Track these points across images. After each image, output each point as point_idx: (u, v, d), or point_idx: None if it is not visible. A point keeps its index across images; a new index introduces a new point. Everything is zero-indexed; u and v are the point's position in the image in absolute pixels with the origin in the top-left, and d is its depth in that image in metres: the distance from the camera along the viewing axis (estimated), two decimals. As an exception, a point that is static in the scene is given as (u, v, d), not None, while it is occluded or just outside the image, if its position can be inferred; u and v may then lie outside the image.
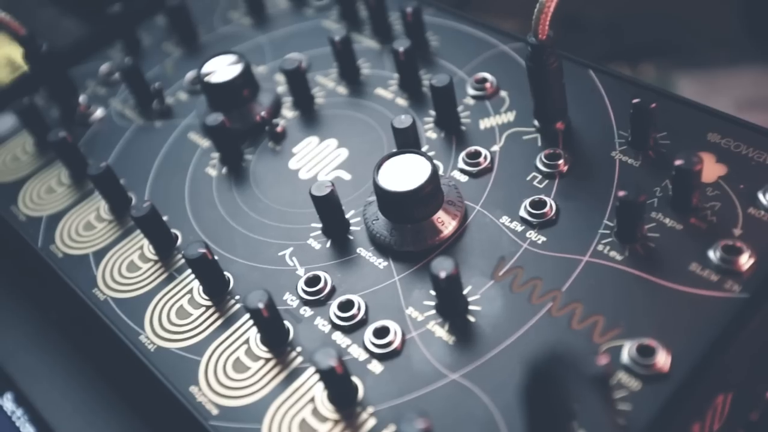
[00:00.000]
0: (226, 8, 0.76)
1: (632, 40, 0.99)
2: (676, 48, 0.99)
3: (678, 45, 0.98)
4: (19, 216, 0.61)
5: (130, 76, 0.66)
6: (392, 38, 0.67)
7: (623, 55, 0.96)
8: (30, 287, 0.64)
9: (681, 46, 0.98)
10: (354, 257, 0.52)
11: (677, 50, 0.98)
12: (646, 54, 0.98)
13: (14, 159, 0.67)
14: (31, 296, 0.64)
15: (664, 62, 0.97)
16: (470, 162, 0.55)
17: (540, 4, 0.49)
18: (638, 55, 0.97)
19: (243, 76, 0.61)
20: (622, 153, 0.53)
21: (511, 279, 0.49)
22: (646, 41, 1.00)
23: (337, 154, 0.59)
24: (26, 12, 1.02)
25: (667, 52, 0.98)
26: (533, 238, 0.50)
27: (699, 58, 0.96)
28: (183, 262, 0.55)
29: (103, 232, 0.58)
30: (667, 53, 0.98)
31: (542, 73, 0.53)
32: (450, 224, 0.51)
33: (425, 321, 0.48)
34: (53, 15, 1.06)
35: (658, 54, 0.98)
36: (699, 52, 0.97)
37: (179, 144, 0.64)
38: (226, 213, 0.57)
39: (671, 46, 0.99)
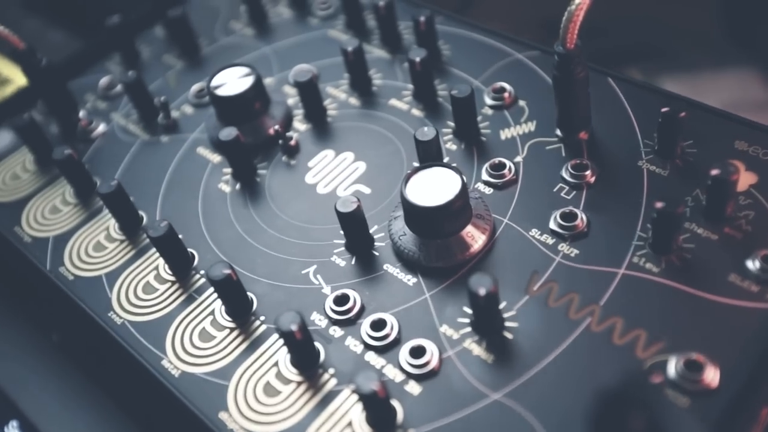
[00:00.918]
0: (227, 19, 0.74)
1: (615, 43, 0.99)
2: (659, 51, 0.99)
3: (661, 48, 0.99)
4: (24, 237, 0.59)
5: (134, 89, 0.64)
6: (402, 47, 0.66)
7: (606, 59, 0.96)
8: (36, 310, 0.62)
9: (664, 50, 0.99)
10: (381, 274, 0.51)
11: (661, 54, 0.99)
12: (629, 58, 0.98)
13: (14, 177, 0.64)
14: (36, 320, 0.62)
15: (647, 66, 0.97)
16: (494, 174, 0.54)
17: (568, 13, 0.49)
18: (621, 59, 0.97)
19: (254, 89, 0.60)
20: (649, 162, 0.53)
21: (546, 293, 0.48)
22: (629, 45, 1.00)
23: (355, 168, 0.58)
24: (10, 24, 0.99)
25: (651, 56, 0.98)
26: (566, 251, 0.49)
27: (682, 61, 0.97)
28: (202, 282, 0.53)
29: (115, 253, 0.56)
30: (651, 57, 0.98)
31: (569, 83, 0.52)
32: (479, 238, 0.50)
33: (461, 339, 0.47)
34: (38, 26, 1.03)
35: (641, 57, 0.98)
36: (682, 56, 0.97)
37: (188, 159, 0.62)
38: (243, 230, 0.56)
39: (654, 49, 0.99)
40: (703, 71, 0.96)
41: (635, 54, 0.98)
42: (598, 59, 0.62)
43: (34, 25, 1.05)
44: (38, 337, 0.62)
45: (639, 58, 0.98)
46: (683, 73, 0.96)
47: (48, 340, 0.60)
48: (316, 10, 0.72)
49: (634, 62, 0.97)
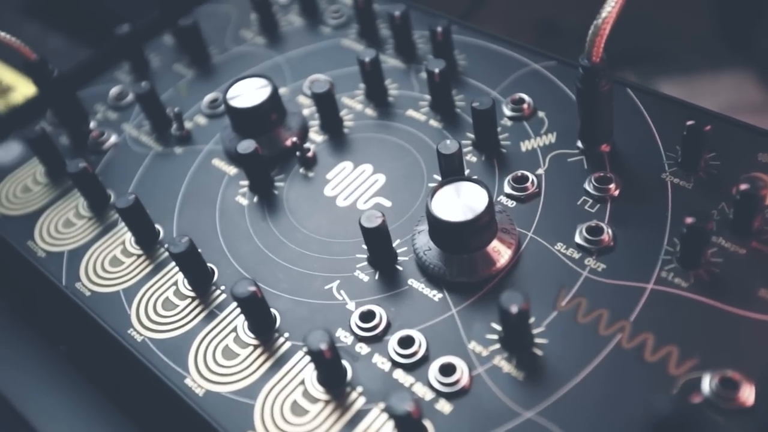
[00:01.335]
0: (237, 27, 0.73)
1: (611, 46, 0.99)
2: (655, 54, 0.99)
3: (657, 51, 0.99)
4: (37, 252, 0.58)
5: (147, 100, 0.63)
6: (416, 57, 0.65)
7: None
8: (45, 322, 0.61)
9: (660, 53, 0.99)
10: (406, 289, 0.50)
11: (657, 56, 0.99)
12: (626, 60, 0.98)
13: (25, 190, 0.63)
14: (45, 331, 0.61)
15: (644, 68, 0.97)
16: (517, 187, 0.54)
17: (595, 27, 0.48)
18: (618, 62, 0.97)
19: (271, 100, 0.59)
20: (673, 175, 0.53)
21: (574, 309, 0.47)
22: (625, 47, 1.00)
23: (375, 180, 0.57)
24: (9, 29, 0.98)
25: (647, 59, 0.98)
26: (592, 266, 0.49)
27: (679, 64, 0.97)
28: (223, 297, 0.52)
29: (133, 268, 0.55)
30: (647, 59, 0.98)
31: (593, 96, 0.51)
32: (505, 253, 0.50)
33: (490, 356, 0.46)
34: (38, 32, 1.02)
35: (637, 60, 0.98)
36: (678, 58, 0.97)
37: (204, 171, 0.61)
38: (263, 244, 0.55)
39: (651, 52, 0.99)
40: (699, 74, 0.96)
41: (632, 57, 0.98)
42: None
43: (34, 30, 1.03)
44: (53, 353, 0.61)
45: (635, 61, 0.98)
46: (680, 75, 0.96)
47: (56, 351, 0.59)
48: (327, 19, 0.71)
49: (631, 65, 0.97)
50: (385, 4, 0.69)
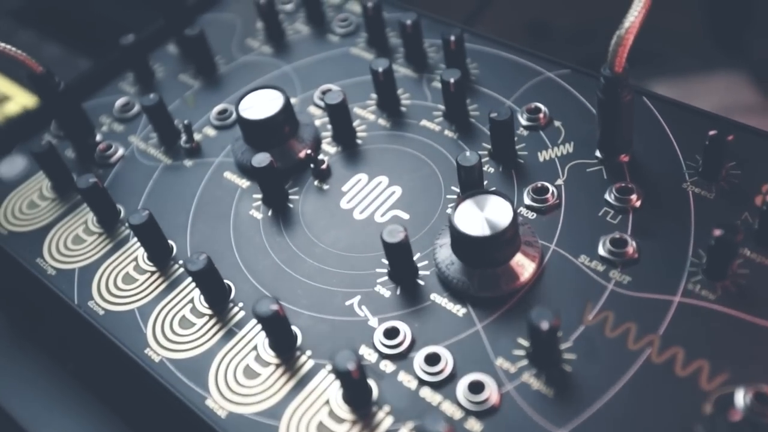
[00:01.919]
0: (243, 36, 0.72)
1: (602, 47, 0.99)
2: (648, 55, 0.99)
3: (650, 53, 0.99)
4: (47, 270, 0.57)
5: (155, 112, 0.62)
6: (427, 66, 0.65)
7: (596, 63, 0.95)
8: (58, 344, 0.60)
9: (653, 54, 0.99)
10: (428, 305, 0.50)
11: (650, 58, 0.99)
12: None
13: (32, 205, 0.62)
14: (58, 353, 0.60)
15: (637, 70, 0.97)
16: (538, 198, 0.53)
17: (618, 38, 0.48)
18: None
19: (284, 112, 0.58)
20: (694, 184, 0.52)
21: (602, 323, 0.47)
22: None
23: (391, 192, 0.57)
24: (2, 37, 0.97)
25: (640, 60, 0.98)
26: (618, 279, 0.48)
27: (671, 65, 0.97)
28: (242, 315, 0.51)
29: (146, 285, 0.54)
30: (640, 61, 0.98)
31: (615, 107, 0.51)
32: (529, 266, 0.49)
33: (518, 373, 0.46)
34: (33, 40, 1.00)
35: (630, 62, 0.98)
36: (671, 60, 0.98)
37: (215, 184, 0.60)
38: (280, 260, 0.54)
39: (643, 53, 0.99)
40: (692, 75, 0.96)
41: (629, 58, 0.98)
42: (587, 63, 0.62)
43: (28, 38, 1.02)
44: (54, 367, 0.60)
45: (628, 63, 0.98)
46: (673, 77, 0.96)
47: (77, 379, 0.58)
48: (335, 27, 0.70)
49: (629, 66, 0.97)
50: (392, 12, 0.69)
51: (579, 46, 1.00)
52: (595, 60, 0.98)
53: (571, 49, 1.00)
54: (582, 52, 0.97)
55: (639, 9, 0.47)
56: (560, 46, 1.01)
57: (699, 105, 0.59)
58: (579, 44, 1.01)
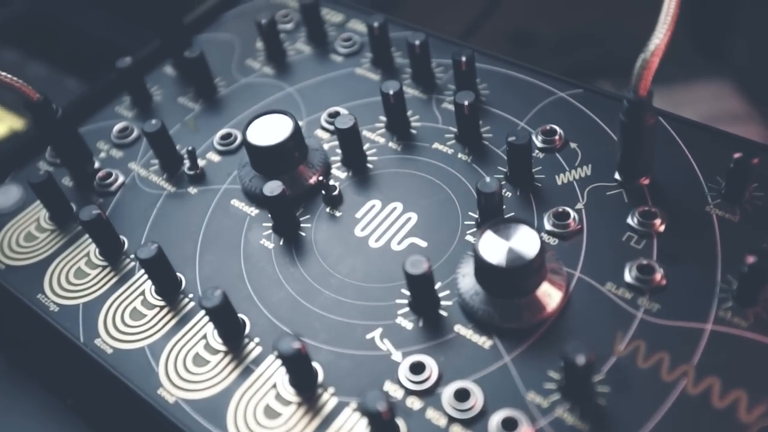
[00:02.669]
0: (242, 57, 0.70)
1: (586, 56, 0.99)
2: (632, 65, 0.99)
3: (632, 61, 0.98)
4: (50, 306, 0.54)
5: (157, 138, 0.60)
6: (436, 86, 0.63)
7: (578, 73, 0.95)
8: (61, 383, 0.57)
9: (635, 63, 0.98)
10: (453, 337, 0.48)
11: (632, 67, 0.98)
12: (602, 71, 0.98)
13: (29, 238, 0.59)
14: (61, 392, 0.57)
15: (622, 79, 0.96)
16: (559, 223, 0.52)
17: (643, 61, 0.47)
18: (593, 73, 0.97)
19: (294, 137, 0.56)
20: (717, 207, 0.51)
21: (633, 354, 0.46)
22: (601, 58, 1.00)
23: (407, 219, 0.55)
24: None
25: (624, 69, 0.98)
26: (647, 307, 0.47)
27: (657, 74, 0.97)
28: (259, 351, 0.49)
29: (156, 321, 0.52)
30: (625, 70, 0.98)
31: (637, 130, 0.50)
32: (556, 295, 0.48)
33: (551, 407, 0.44)
34: (17, 60, 0.98)
35: (615, 70, 0.98)
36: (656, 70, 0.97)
37: (222, 213, 0.58)
38: (295, 291, 0.52)
39: (627, 62, 0.99)
40: (677, 84, 0.96)
41: (609, 67, 0.98)
42: (570, 74, 0.62)
43: (12, 58, 0.99)
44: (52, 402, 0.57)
45: (613, 71, 0.98)
46: (658, 86, 0.96)
47: (83, 419, 0.55)
48: (338, 47, 0.69)
49: (608, 76, 0.97)
50: (397, 31, 0.67)
51: (562, 56, 1.00)
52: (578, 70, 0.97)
53: (554, 59, 1.00)
54: (565, 62, 0.97)
55: (664, 31, 0.46)
56: (542, 55, 1.01)
57: (686, 114, 0.58)
58: (562, 54, 1.00)
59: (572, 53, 1.00)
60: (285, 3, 0.75)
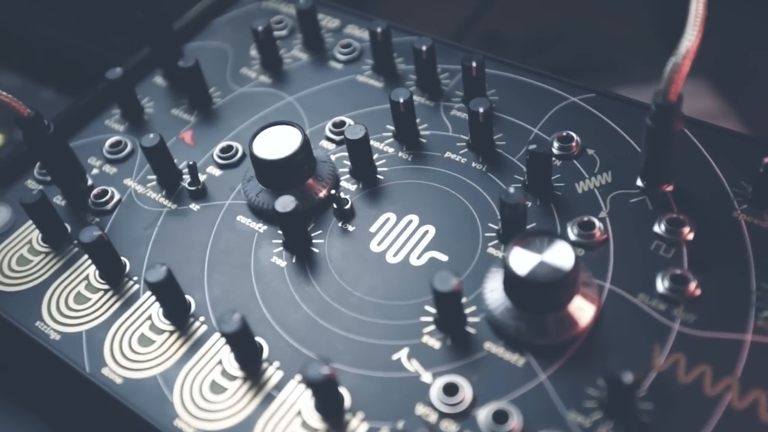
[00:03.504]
0: (237, 65, 0.67)
1: (561, 56, 0.98)
2: (608, 64, 0.98)
3: (609, 61, 0.98)
4: (50, 335, 0.51)
5: (155, 153, 0.57)
6: (442, 93, 0.61)
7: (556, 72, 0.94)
8: (65, 414, 0.54)
9: (612, 62, 0.98)
10: (484, 355, 0.46)
11: (610, 66, 0.98)
12: (578, 71, 0.97)
13: (23, 261, 0.56)
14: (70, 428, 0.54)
15: (598, 79, 0.96)
16: (584, 233, 0.50)
17: (673, 65, 0.45)
18: (570, 72, 0.96)
19: (303, 150, 0.54)
20: (745, 213, 0.50)
21: (673, 368, 0.44)
22: (577, 58, 0.99)
23: (424, 232, 0.53)
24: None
25: (601, 69, 0.98)
26: (683, 318, 0.46)
27: (632, 73, 0.97)
28: (280, 376, 0.47)
29: (166, 347, 0.49)
30: (601, 70, 0.98)
31: (665, 135, 0.49)
32: (589, 309, 0.46)
33: (594, 427, 0.42)
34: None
35: (590, 70, 0.97)
36: (631, 68, 0.97)
37: (228, 230, 0.55)
38: (313, 311, 0.50)
39: (603, 62, 0.98)
40: (653, 82, 0.96)
41: (584, 67, 0.97)
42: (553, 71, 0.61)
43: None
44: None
45: (589, 71, 0.97)
46: (634, 85, 0.95)
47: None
48: (336, 54, 0.66)
49: (585, 75, 0.96)
50: (398, 36, 0.65)
51: (535, 57, 0.99)
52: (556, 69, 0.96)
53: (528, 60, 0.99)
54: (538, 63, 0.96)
55: (695, 33, 0.45)
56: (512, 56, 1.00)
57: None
58: (535, 55, 0.99)
59: (545, 53, 0.99)
60: (277, 8, 0.72)
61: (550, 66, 0.97)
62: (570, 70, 0.96)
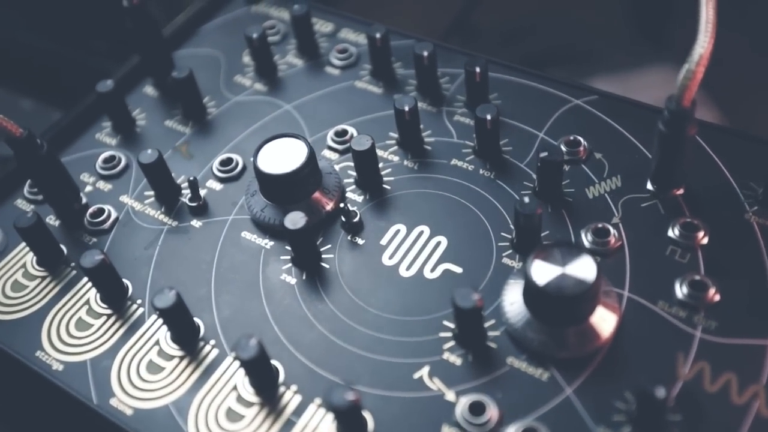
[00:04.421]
0: (230, 73, 0.65)
1: (536, 46, 0.98)
2: (583, 53, 0.98)
3: (584, 50, 0.98)
4: (53, 365, 0.49)
5: (154, 170, 0.55)
6: (443, 98, 0.60)
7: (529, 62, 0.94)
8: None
9: (587, 51, 0.98)
10: (507, 370, 0.45)
11: (585, 56, 0.98)
12: (553, 60, 0.97)
13: (17, 287, 0.54)
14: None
15: (572, 67, 0.96)
16: (599, 241, 0.50)
17: (687, 71, 0.45)
18: (545, 62, 0.96)
19: (309, 163, 0.52)
20: (756, 215, 0.50)
21: (699, 377, 0.44)
22: (551, 47, 0.99)
23: (436, 243, 0.52)
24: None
25: (576, 58, 0.98)
26: (704, 325, 0.46)
27: (607, 62, 0.97)
28: (299, 400, 0.46)
29: (178, 374, 0.48)
30: (576, 59, 0.97)
31: (678, 141, 0.48)
32: (611, 319, 0.46)
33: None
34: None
35: (566, 60, 0.97)
36: (606, 56, 0.97)
37: (233, 247, 0.54)
38: (327, 330, 0.49)
39: (577, 51, 0.98)
40: (628, 71, 0.96)
41: (559, 56, 0.97)
42: (523, 63, 0.60)
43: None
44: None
45: (564, 61, 0.97)
46: (609, 73, 0.95)
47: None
48: (333, 59, 0.65)
49: (559, 64, 0.96)
50: (396, 40, 0.64)
51: (508, 48, 0.98)
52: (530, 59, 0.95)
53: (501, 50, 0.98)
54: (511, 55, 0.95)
55: (707, 38, 0.44)
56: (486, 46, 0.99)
57: (643, 100, 0.57)
58: (508, 46, 0.99)
59: (518, 44, 0.99)
60: (267, 13, 0.70)
61: (524, 57, 0.96)
62: (544, 61, 0.96)
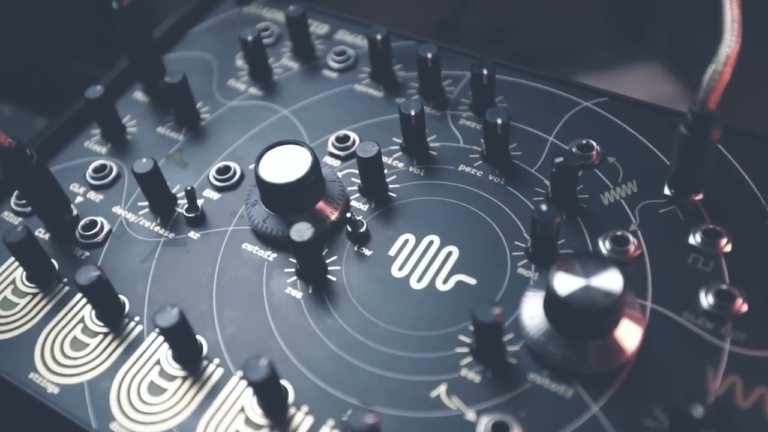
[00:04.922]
0: (223, 77, 0.63)
1: (520, 45, 0.97)
2: (567, 52, 0.97)
3: (568, 49, 0.97)
4: (48, 387, 0.46)
5: (150, 180, 0.52)
6: (447, 102, 0.58)
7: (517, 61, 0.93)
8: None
9: (571, 50, 0.97)
10: (529, 387, 0.43)
11: (568, 54, 0.97)
12: (538, 59, 0.96)
13: (7, 305, 0.51)
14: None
15: (557, 66, 0.95)
16: (618, 249, 0.48)
17: (714, 72, 0.43)
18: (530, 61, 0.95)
19: (314, 171, 0.50)
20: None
21: (731, 392, 0.42)
22: (536, 46, 0.98)
23: (447, 253, 0.50)
24: None
25: (560, 57, 0.97)
26: (733, 337, 0.44)
27: (591, 60, 0.96)
28: (310, 422, 0.43)
29: (181, 395, 0.45)
30: (560, 57, 0.96)
31: (701, 145, 0.46)
32: (636, 332, 0.44)
33: (656, 461, 0.40)
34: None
35: (550, 59, 0.96)
36: (590, 55, 0.97)
37: (234, 259, 0.51)
38: (337, 347, 0.46)
39: (561, 50, 0.97)
40: (613, 69, 0.95)
41: (544, 55, 0.96)
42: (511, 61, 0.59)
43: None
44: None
45: (548, 60, 0.96)
46: (595, 72, 0.94)
47: None
48: (330, 62, 0.62)
49: (544, 63, 0.94)
50: (396, 41, 0.62)
51: (491, 46, 0.97)
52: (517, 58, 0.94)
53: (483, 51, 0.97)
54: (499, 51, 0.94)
55: (734, 38, 0.42)
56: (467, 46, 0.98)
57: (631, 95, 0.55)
58: (491, 43, 0.97)
59: (501, 43, 0.97)
60: (259, 14, 0.68)
61: (507, 56, 0.95)
62: (528, 59, 0.94)
